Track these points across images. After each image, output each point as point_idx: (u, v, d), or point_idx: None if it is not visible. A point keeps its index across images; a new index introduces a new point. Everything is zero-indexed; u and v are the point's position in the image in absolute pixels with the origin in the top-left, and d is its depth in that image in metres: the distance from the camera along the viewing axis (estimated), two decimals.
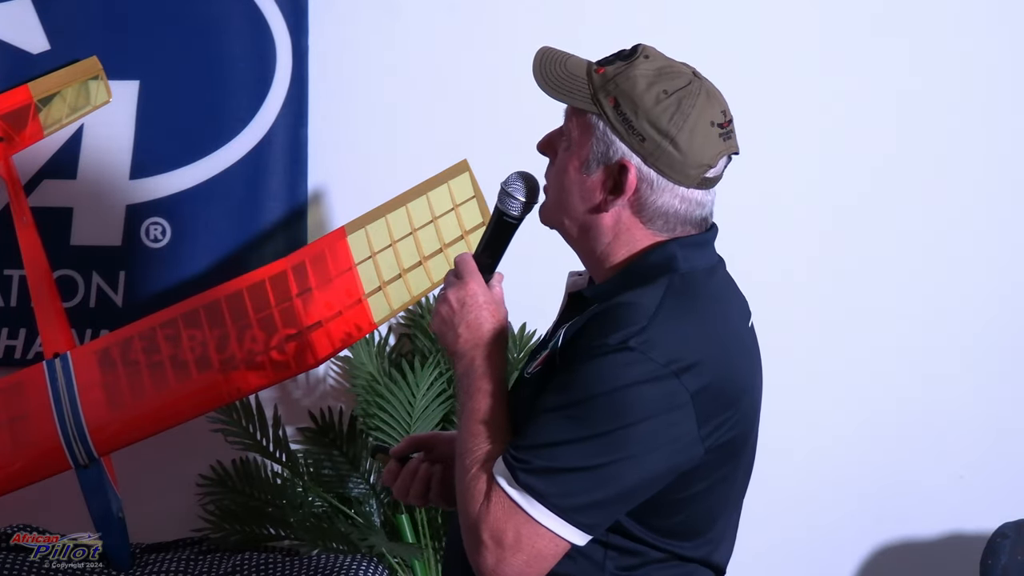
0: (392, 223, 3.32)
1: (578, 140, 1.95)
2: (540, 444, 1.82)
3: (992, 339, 3.82)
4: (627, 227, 1.96)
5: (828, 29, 3.80)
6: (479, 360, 1.95)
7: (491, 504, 1.82)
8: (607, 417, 1.80)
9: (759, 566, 3.83)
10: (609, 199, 1.94)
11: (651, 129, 1.90)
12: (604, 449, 1.80)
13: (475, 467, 1.86)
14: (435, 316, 2.00)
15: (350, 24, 3.76)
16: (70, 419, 3.21)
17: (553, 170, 2.01)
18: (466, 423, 1.91)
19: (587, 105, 1.92)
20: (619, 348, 1.81)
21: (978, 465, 3.82)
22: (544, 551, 1.82)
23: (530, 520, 1.81)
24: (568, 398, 1.82)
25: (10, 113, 3.55)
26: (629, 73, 1.91)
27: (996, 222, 3.81)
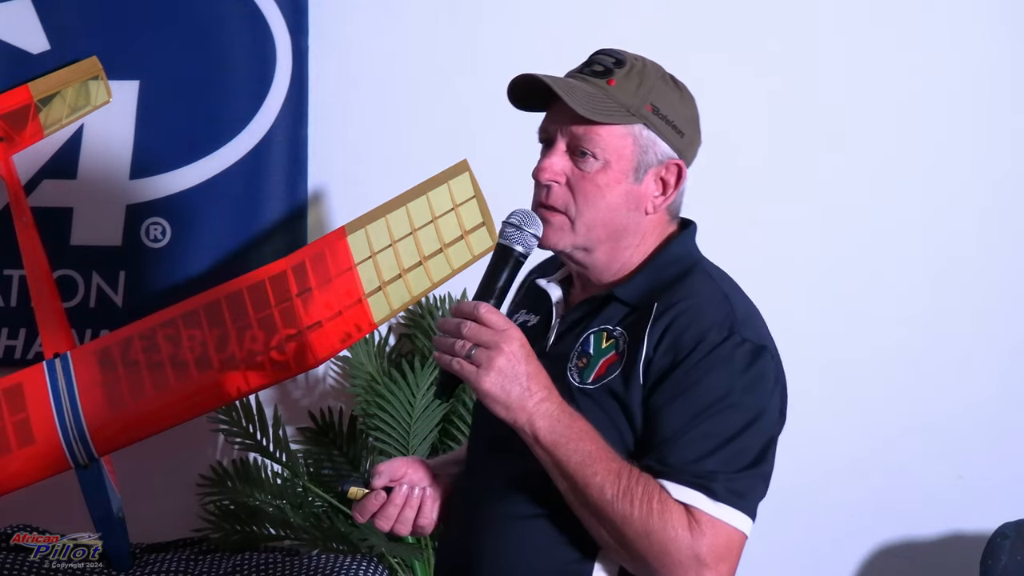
0: (392, 223, 3.31)
1: (619, 154, 1.96)
2: (707, 455, 1.87)
3: (992, 339, 3.82)
4: (658, 224, 2.03)
5: (828, 29, 3.80)
6: (558, 405, 1.91)
7: (702, 526, 1.86)
8: (747, 406, 1.90)
9: (759, 566, 3.83)
10: (658, 200, 2.00)
11: (687, 123, 2.00)
12: (756, 437, 1.90)
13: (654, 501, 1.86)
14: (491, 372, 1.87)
15: (350, 24, 3.76)
16: (70, 419, 3.21)
17: (586, 189, 1.98)
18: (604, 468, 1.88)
19: (628, 119, 1.96)
20: (727, 339, 1.90)
21: (978, 465, 3.82)
22: (741, 548, 1.92)
23: (734, 528, 1.89)
24: (705, 402, 1.88)
25: (10, 113, 3.55)
26: (648, 77, 1.97)
27: (996, 223, 3.81)
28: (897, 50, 3.79)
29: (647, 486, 1.86)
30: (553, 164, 1.99)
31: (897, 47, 3.79)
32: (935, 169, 3.81)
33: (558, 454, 1.88)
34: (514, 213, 2.00)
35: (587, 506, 1.88)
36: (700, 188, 3.77)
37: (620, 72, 1.97)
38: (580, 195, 1.98)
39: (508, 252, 1.97)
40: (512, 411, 1.88)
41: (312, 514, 3.53)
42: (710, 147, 3.75)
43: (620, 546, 1.88)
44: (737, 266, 3.79)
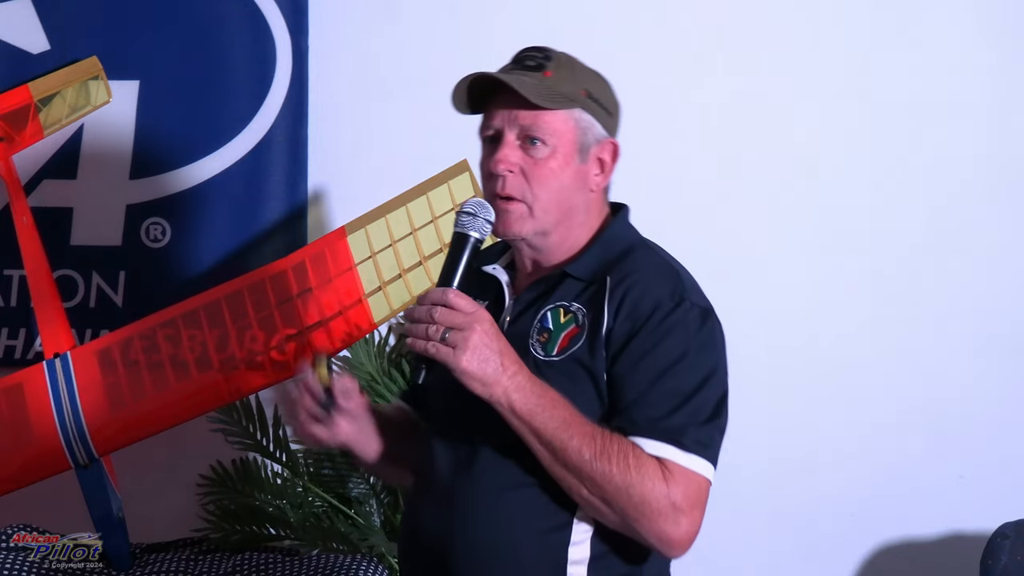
0: (392, 223, 3.32)
1: (564, 138, 2.11)
2: (673, 410, 2.02)
3: (992, 339, 3.82)
4: (597, 203, 2.18)
5: (829, 30, 3.80)
6: (528, 377, 2.03)
7: (675, 476, 2.00)
8: (702, 364, 2.05)
9: (759, 566, 3.83)
10: (599, 178, 2.16)
11: (613, 106, 2.19)
12: (714, 390, 2.06)
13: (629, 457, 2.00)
14: (466, 352, 1.98)
15: (350, 24, 3.76)
16: (70, 419, 3.21)
17: (539, 174, 2.11)
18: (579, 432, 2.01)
19: (570, 104, 2.12)
20: (679, 305, 2.05)
21: (978, 465, 3.81)
22: (707, 496, 2.06)
23: (702, 476, 2.03)
24: (665, 361, 2.03)
25: (10, 113, 3.55)
26: (579, 66, 2.15)
27: (997, 224, 3.81)
28: (898, 49, 3.79)
29: (621, 444, 2.00)
30: (507, 155, 2.12)
31: (897, 46, 3.79)
32: (936, 168, 3.81)
33: (535, 423, 2.01)
34: (467, 203, 2.12)
35: (567, 468, 2.01)
36: (700, 188, 3.80)
37: (551, 64, 2.13)
38: (535, 181, 2.11)
39: (465, 239, 2.09)
40: (489, 386, 2.00)
41: (312, 514, 3.53)
42: (710, 147, 3.78)
43: (602, 502, 2.01)
44: (740, 267, 3.82)
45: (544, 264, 2.17)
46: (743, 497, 3.78)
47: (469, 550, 2.09)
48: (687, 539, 2.03)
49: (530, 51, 2.16)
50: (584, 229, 2.16)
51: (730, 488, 3.76)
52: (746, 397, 3.75)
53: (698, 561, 3.78)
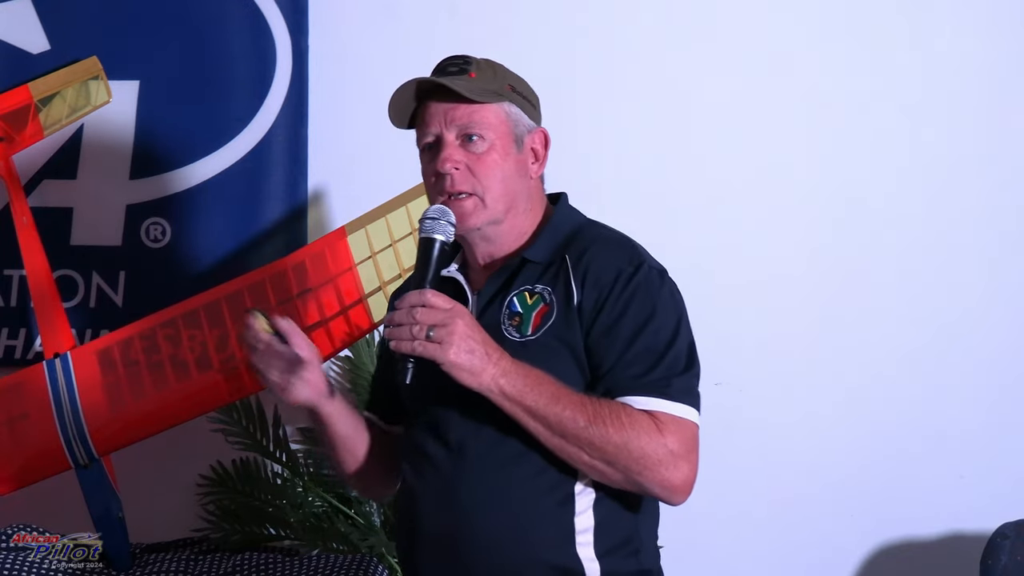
0: (392, 223, 3.32)
1: (499, 132, 2.24)
2: (653, 366, 2.14)
3: (992, 339, 3.82)
4: (537, 189, 2.32)
5: (830, 30, 3.80)
6: (511, 362, 2.12)
7: (668, 425, 2.13)
8: (669, 319, 2.19)
9: (760, 565, 3.83)
10: (536, 165, 2.31)
11: (533, 96, 2.32)
12: (686, 342, 2.20)
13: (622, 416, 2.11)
14: (452, 345, 2.08)
15: (350, 24, 3.76)
16: (70, 419, 3.21)
17: (482, 169, 2.23)
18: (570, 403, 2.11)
19: (498, 99, 2.25)
20: (638, 268, 2.18)
21: (978, 465, 3.81)
22: (698, 439, 2.19)
23: (691, 422, 2.17)
24: (637, 322, 2.15)
25: (10, 113, 3.55)
26: (497, 65, 2.29)
27: (997, 225, 3.81)
28: (903, 51, 3.79)
29: (611, 406, 2.12)
30: (451, 154, 2.24)
31: (902, 47, 3.80)
32: (938, 168, 3.81)
33: (527, 402, 2.10)
34: (429, 209, 2.23)
35: (565, 438, 2.11)
36: (700, 188, 3.80)
37: (472, 67, 2.25)
38: (481, 173, 2.23)
39: (431, 242, 2.20)
40: (477, 375, 2.09)
41: (312, 514, 3.53)
42: (710, 147, 3.78)
43: (605, 464, 2.12)
44: (741, 267, 3.81)
45: (498, 255, 2.29)
46: (743, 497, 3.78)
47: (480, 535, 2.16)
48: (689, 483, 2.15)
49: (451, 59, 2.30)
50: (529, 216, 2.28)
51: (730, 488, 3.78)
52: (746, 396, 3.79)
53: (698, 560, 3.80)
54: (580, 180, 3.76)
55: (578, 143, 3.79)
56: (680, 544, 3.68)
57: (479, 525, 2.16)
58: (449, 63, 2.29)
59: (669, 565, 3.58)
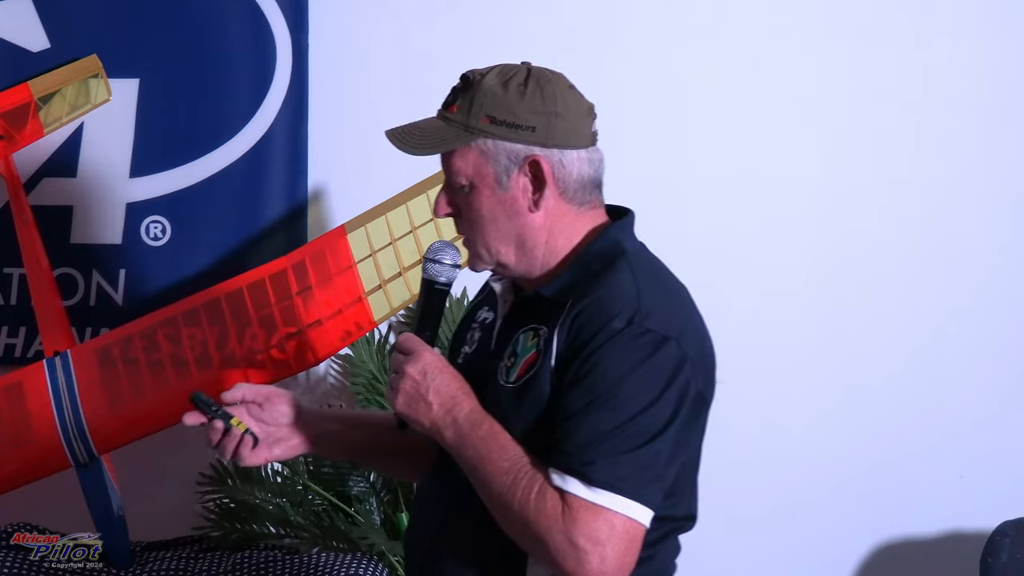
0: (392, 221, 3.32)
1: (477, 173, 2.04)
2: (591, 441, 1.91)
3: (992, 337, 3.82)
4: (559, 215, 2.06)
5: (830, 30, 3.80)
6: (464, 413, 2.01)
7: (574, 511, 1.90)
8: (640, 394, 1.93)
9: (760, 564, 3.84)
10: (535, 197, 2.04)
11: (534, 116, 2.03)
12: (647, 425, 1.92)
13: (532, 492, 1.93)
14: (399, 395, 2.03)
15: (350, 22, 3.76)
16: (70, 417, 3.21)
17: (469, 215, 2.07)
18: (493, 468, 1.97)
19: (467, 139, 2.03)
20: (625, 328, 1.93)
21: (978, 464, 3.82)
22: (633, 534, 1.92)
23: (614, 512, 1.90)
24: (597, 390, 1.92)
25: (10, 111, 3.55)
26: (481, 91, 2.04)
27: (997, 223, 3.81)
28: (906, 57, 3.79)
29: (531, 479, 1.93)
30: (439, 202, 2.10)
31: (906, 52, 3.80)
32: (938, 166, 3.81)
33: (460, 458, 1.99)
34: (430, 247, 2.14)
35: (486, 502, 1.98)
36: (699, 188, 3.80)
37: (458, 98, 2.07)
38: (467, 223, 2.08)
39: (430, 284, 2.13)
40: (423, 426, 2.02)
41: (312, 512, 3.53)
42: (711, 146, 3.78)
43: (516, 538, 1.96)
44: (741, 266, 3.81)
45: (526, 285, 2.12)
46: (742, 496, 3.78)
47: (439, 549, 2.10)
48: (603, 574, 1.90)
49: (454, 87, 2.12)
50: (552, 247, 2.06)
51: (730, 487, 3.78)
52: (745, 395, 3.79)
53: (698, 559, 3.80)
54: None
55: None
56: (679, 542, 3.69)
57: (442, 551, 2.10)
58: (452, 89, 2.12)
59: None
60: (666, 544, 2.11)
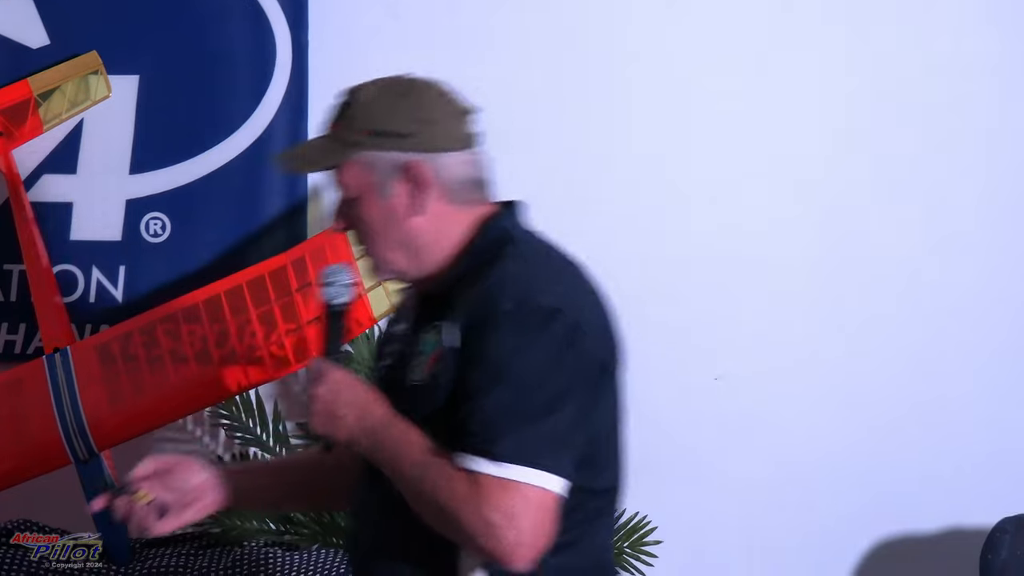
0: None
1: (362, 185, 2.08)
2: (493, 419, 1.93)
3: (992, 334, 3.82)
4: (444, 216, 2.09)
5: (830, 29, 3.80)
6: (376, 419, 2.04)
7: (485, 489, 1.92)
8: (535, 367, 1.95)
9: (759, 561, 3.84)
10: (418, 201, 2.08)
11: (409, 124, 2.09)
12: (546, 396, 1.95)
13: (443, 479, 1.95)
14: (314, 417, 2.07)
15: (350, 19, 3.76)
16: (70, 414, 3.21)
17: (361, 227, 2.12)
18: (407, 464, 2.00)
19: (347, 153, 2.09)
20: (514, 308, 1.96)
21: (978, 460, 3.81)
22: (547, 505, 1.93)
23: (524, 484, 1.92)
24: (493, 369, 1.95)
25: (10, 108, 3.55)
26: (358, 106, 2.11)
27: (997, 222, 3.81)
28: (904, 50, 3.80)
29: (442, 467, 1.96)
30: (335, 215, 2.15)
31: (904, 46, 3.80)
32: (937, 164, 3.81)
33: (379, 463, 2.03)
34: (323, 272, 2.18)
35: (408, 500, 2.00)
36: (700, 187, 3.80)
37: (340, 114, 2.12)
38: (361, 234, 2.13)
39: (328, 307, 2.17)
40: (341, 440, 2.06)
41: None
42: (709, 144, 3.78)
43: (440, 529, 1.98)
44: (741, 264, 3.81)
45: (425, 287, 2.15)
46: (742, 494, 3.79)
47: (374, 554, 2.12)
48: (519, 553, 1.92)
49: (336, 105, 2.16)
50: (440, 248, 2.09)
51: (729, 483, 3.79)
52: (745, 391, 3.80)
53: (697, 556, 3.81)
54: (580, 179, 3.80)
55: (578, 140, 3.80)
56: (679, 541, 3.69)
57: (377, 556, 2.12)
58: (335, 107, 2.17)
59: (667, 561, 3.62)
60: (593, 528, 2.10)
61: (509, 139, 3.78)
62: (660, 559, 3.59)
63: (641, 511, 3.62)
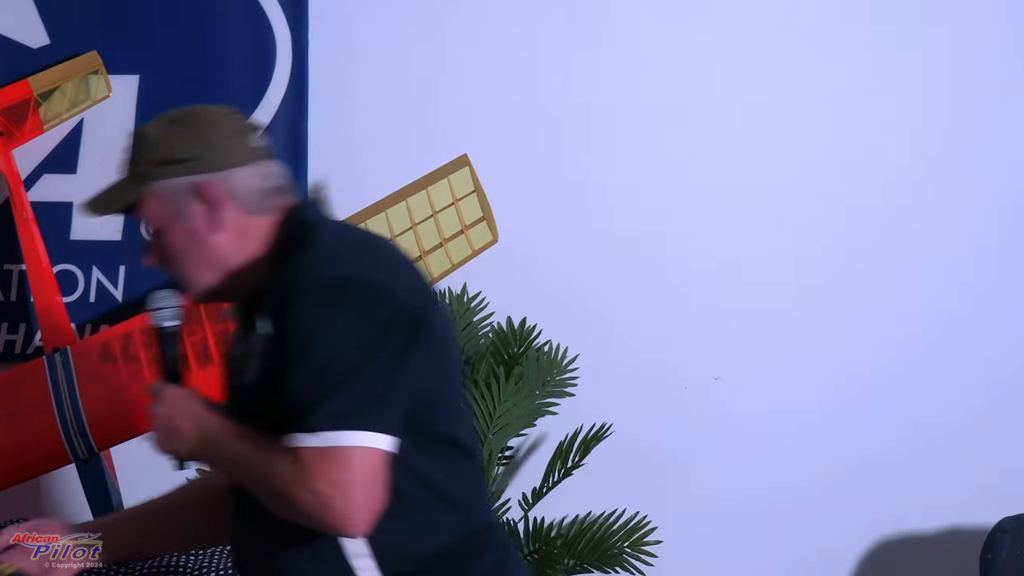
0: (392, 218, 3.32)
1: (162, 215, 2.13)
2: (306, 393, 1.95)
3: (992, 334, 3.82)
4: (244, 228, 2.13)
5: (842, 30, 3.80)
6: (212, 428, 2.08)
7: (308, 462, 1.93)
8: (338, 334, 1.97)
9: (759, 561, 3.84)
10: (214, 220, 2.12)
11: (192, 149, 2.13)
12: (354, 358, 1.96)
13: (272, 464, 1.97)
14: (158, 436, 2.11)
15: (350, 19, 3.76)
16: (70, 414, 3.21)
17: (169, 256, 2.16)
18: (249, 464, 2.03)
19: (141, 189, 2.13)
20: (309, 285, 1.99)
21: (977, 460, 3.81)
22: (372, 463, 1.94)
23: (345, 448, 1.93)
24: (299, 347, 1.97)
25: (10, 108, 3.55)
26: (142, 141, 2.16)
27: (998, 223, 3.81)
28: (911, 53, 3.79)
29: (269, 453, 1.98)
30: (147, 251, 2.19)
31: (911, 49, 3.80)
32: (941, 170, 3.80)
33: (223, 468, 2.10)
34: (150, 299, 2.22)
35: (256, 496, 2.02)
36: (700, 186, 3.80)
37: (133, 151, 2.16)
38: (170, 263, 2.16)
39: (159, 331, 2.22)
40: (186, 454, 2.10)
41: None
42: (709, 145, 3.78)
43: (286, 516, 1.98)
44: (741, 264, 3.81)
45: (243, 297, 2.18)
46: (742, 493, 3.79)
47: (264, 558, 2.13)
48: (353, 518, 1.94)
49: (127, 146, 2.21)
50: (246, 258, 2.14)
51: (729, 482, 3.79)
52: (745, 391, 3.80)
53: (697, 555, 3.81)
54: (579, 179, 3.80)
55: (578, 140, 3.79)
56: (679, 539, 3.69)
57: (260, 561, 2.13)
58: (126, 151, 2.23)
59: (667, 560, 3.62)
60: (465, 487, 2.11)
61: (509, 134, 3.80)
62: (660, 559, 3.59)
63: (641, 511, 3.63)
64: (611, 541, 3.61)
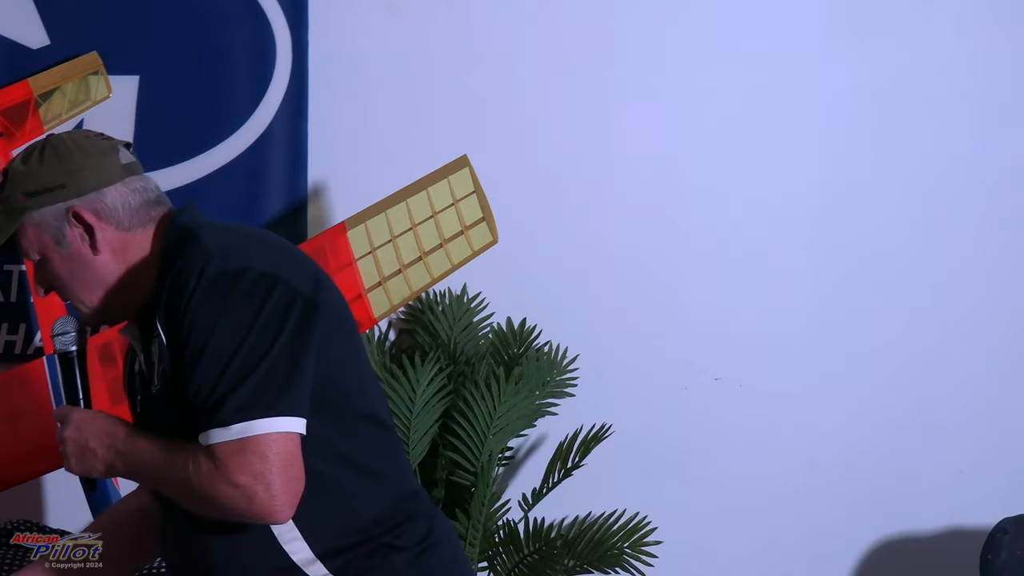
0: (392, 218, 3.31)
1: (41, 245, 2.17)
2: (211, 390, 1.98)
3: (992, 335, 3.82)
4: (124, 245, 2.17)
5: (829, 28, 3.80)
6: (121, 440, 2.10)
7: (224, 457, 1.96)
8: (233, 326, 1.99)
9: (759, 560, 3.84)
10: (92, 241, 2.15)
11: (58, 176, 2.15)
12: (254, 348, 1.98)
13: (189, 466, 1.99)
14: (69, 459, 2.14)
15: (350, 20, 3.75)
16: None
17: (56, 283, 2.21)
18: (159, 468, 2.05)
19: (16, 221, 2.16)
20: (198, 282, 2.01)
21: (978, 460, 3.82)
22: (286, 448, 1.97)
23: (257, 437, 1.95)
24: (198, 345, 1.99)
25: (10, 108, 3.55)
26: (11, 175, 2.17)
27: (996, 221, 3.81)
28: (900, 46, 3.79)
29: (184, 455, 2.00)
30: (34, 280, 2.25)
31: (900, 42, 3.79)
32: (939, 165, 3.81)
33: (141, 480, 2.12)
34: (53, 324, 2.28)
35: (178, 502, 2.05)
36: (701, 186, 3.80)
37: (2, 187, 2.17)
38: (58, 289, 2.22)
39: (63, 356, 2.27)
40: (101, 472, 2.13)
41: None
42: (710, 144, 3.78)
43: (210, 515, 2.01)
44: (741, 264, 3.81)
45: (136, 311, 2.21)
46: (742, 493, 3.79)
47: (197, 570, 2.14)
48: (276, 505, 1.96)
49: None
50: (132, 273, 2.17)
51: (730, 482, 3.79)
52: (745, 392, 3.80)
53: (697, 555, 3.81)
54: (579, 179, 3.80)
55: (579, 139, 3.79)
56: (679, 538, 3.69)
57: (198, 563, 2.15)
58: None
59: (667, 559, 3.62)
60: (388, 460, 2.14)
61: (509, 134, 3.81)
62: (660, 559, 3.59)
63: (641, 511, 3.63)
64: (611, 541, 3.61)
